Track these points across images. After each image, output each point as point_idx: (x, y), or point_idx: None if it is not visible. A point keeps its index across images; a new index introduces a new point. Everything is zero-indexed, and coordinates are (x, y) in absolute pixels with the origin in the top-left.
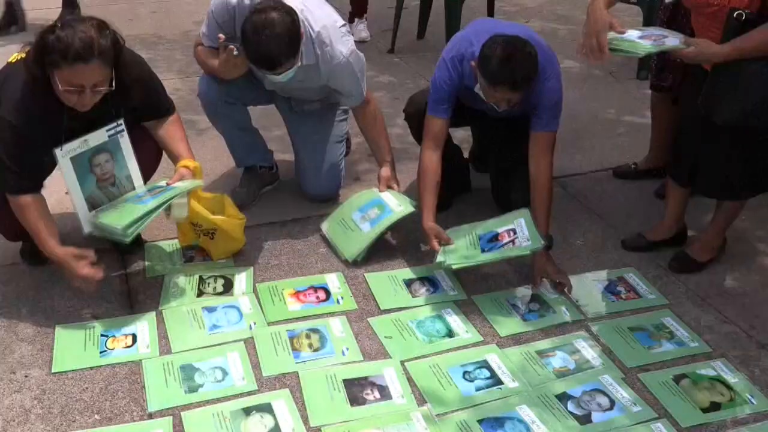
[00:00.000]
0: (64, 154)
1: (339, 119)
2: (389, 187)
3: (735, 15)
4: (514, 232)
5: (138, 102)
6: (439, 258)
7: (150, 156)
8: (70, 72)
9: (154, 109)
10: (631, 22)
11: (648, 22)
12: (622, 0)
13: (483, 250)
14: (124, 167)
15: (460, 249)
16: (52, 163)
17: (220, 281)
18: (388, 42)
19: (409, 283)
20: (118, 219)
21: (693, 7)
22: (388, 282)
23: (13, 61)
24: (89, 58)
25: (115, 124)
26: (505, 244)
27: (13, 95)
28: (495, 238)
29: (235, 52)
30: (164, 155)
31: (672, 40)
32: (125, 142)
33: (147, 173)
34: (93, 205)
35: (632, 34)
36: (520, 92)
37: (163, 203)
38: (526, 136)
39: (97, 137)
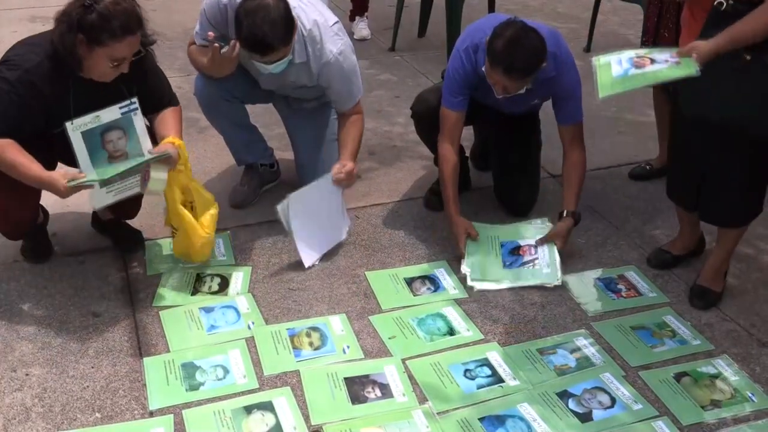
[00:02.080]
0: (75, 128)
1: (337, 116)
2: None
3: (716, 3)
4: (535, 251)
5: (146, 82)
6: (464, 270)
7: None
8: (119, 47)
9: (158, 95)
10: (632, 20)
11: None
12: None
13: (504, 264)
14: (136, 145)
15: (483, 262)
16: (40, 139)
17: (216, 280)
18: (388, 40)
19: (410, 282)
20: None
21: None
22: (389, 281)
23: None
24: (135, 29)
25: (128, 101)
26: (526, 263)
27: (21, 61)
28: (517, 250)
29: (223, 50)
30: None
31: (659, 61)
32: (139, 120)
33: None
34: (103, 182)
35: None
36: (514, 80)
37: (140, 163)
38: (530, 135)
39: (110, 114)
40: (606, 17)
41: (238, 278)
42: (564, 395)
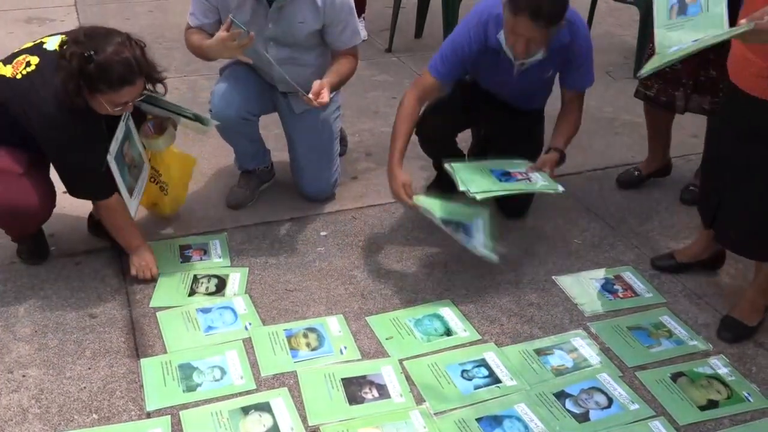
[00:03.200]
0: (112, 156)
1: (334, 117)
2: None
3: None
4: (526, 174)
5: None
6: (462, 188)
7: None
8: (117, 95)
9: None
10: (629, 22)
11: (645, 23)
12: (619, 0)
13: (499, 180)
14: (135, 146)
15: (476, 179)
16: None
17: (213, 281)
18: (385, 41)
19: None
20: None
21: None
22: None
23: (18, 77)
24: (134, 79)
25: (124, 113)
26: (520, 180)
27: (51, 121)
28: (507, 174)
29: (239, 40)
30: None
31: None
32: (132, 123)
33: None
34: (130, 191)
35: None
36: (539, 27)
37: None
38: (529, 133)
39: (120, 129)
40: (602, 18)
41: (236, 279)
42: (561, 395)
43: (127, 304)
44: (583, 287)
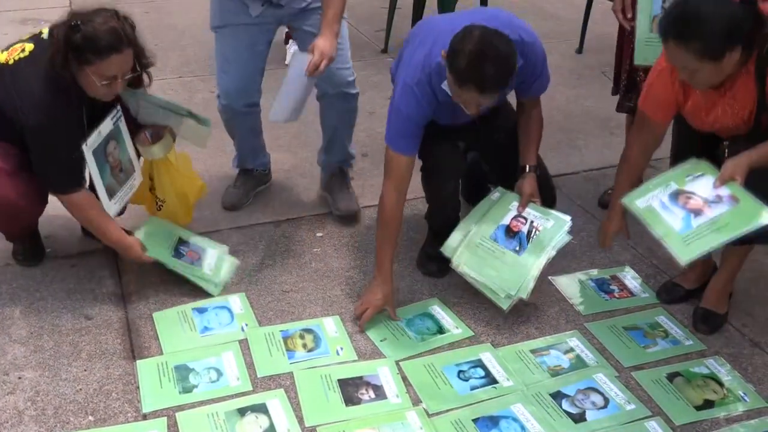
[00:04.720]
0: (88, 148)
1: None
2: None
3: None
4: (525, 219)
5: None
6: (505, 302)
7: None
8: (105, 65)
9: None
10: None
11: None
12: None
13: (517, 252)
14: (125, 151)
15: (502, 274)
16: (81, 159)
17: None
18: (381, 42)
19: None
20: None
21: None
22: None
23: (11, 62)
24: (121, 47)
25: (115, 110)
26: (529, 234)
27: (33, 100)
28: (508, 231)
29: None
30: None
31: (710, 198)
32: (124, 126)
33: None
34: (110, 193)
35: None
36: (489, 97)
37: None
38: (509, 121)
39: (107, 126)
40: (599, 19)
41: (213, 255)
42: (557, 396)
43: (122, 306)
44: (579, 287)
